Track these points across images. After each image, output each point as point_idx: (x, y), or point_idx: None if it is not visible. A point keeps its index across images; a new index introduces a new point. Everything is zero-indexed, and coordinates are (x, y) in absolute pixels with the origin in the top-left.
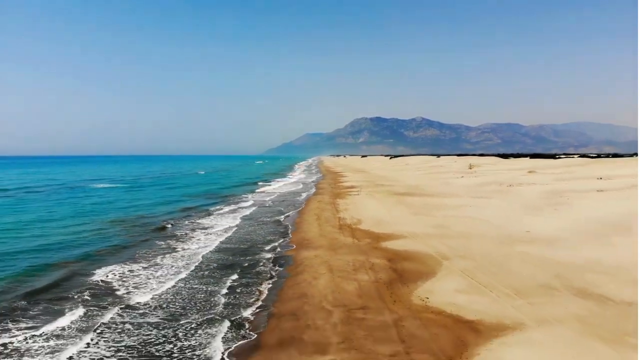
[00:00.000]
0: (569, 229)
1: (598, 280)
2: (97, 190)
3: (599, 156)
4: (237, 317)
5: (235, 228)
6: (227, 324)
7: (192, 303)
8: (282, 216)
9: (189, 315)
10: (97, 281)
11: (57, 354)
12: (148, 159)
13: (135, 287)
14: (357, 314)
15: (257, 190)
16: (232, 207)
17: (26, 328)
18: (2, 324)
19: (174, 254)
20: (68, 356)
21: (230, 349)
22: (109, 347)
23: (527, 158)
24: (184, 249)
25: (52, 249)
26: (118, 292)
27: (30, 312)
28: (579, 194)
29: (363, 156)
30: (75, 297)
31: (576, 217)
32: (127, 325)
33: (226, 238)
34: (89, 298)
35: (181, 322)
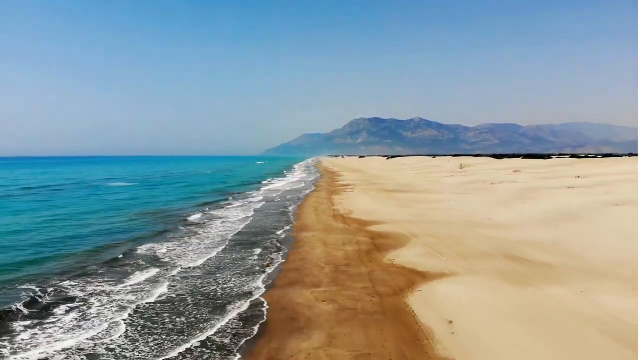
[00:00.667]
0: (526, 218)
1: (530, 251)
2: (115, 188)
3: (587, 156)
4: (260, 272)
5: (251, 218)
6: (253, 276)
7: (229, 265)
8: (287, 208)
9: (227, 271)
10: (147, 255)
11: (142, 294)
12: (149, 160)
13: (179, 257)
14: (342, 268)
15: (263, 188)
16: (244, 201)
17: (107, 282)
18: (82, 281)
19: (208, 237)
20: (158, 295)
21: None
22: (176, 293)
23: (520, 158)
24: (215, 234)
25: (97, 235)
26: (168, 261)
27: (104, 274)
28: (551, 191)
29: (361, 157)
30: (133, 264)
31: (537, 208)
32: (185, 279)
33: (245, 225)
34: (145, 264)
35: (221, 275)
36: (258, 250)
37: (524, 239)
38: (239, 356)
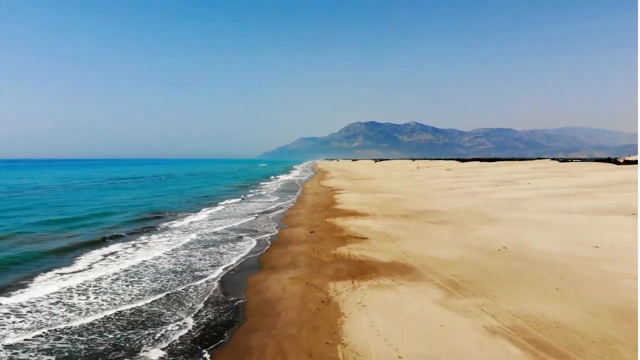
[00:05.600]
0: (404, 185)
1: (383, 190)
2: (192, 178)
3: (521, 159)
4: (295, 194)
5: (281, 185)
6: (293, 197)
7: (285, 191)
8: (297, 185)
9: (286, 193)
10: (259, 193)
11: (271, 187)
12: (159, 163)
13: (269, 189)
14: (317, 194)
15: (279, 178)
16: (272, 182)
17: (201, 210)
18: (179, 209)
19: (271, 189)
20: (276, 188)
21: (281, 204)
22: (278, 189)
23: (478, 162)
24: (272, 189)
25: (228, 191)
26: (268, 195)
27: (197, 207)
28: (441, 179)
29: (354, 160)
30: (255, 195)
31: (417, 183)
32: (275, 191)
33: (281, 188)
34: (257, 196)
35: (286, 194)
36: (290, 195)
37: (387, 189)
38: (295, 197)
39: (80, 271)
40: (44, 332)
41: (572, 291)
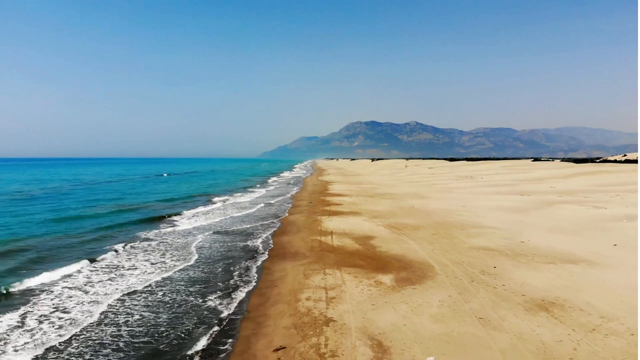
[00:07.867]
0: (381, 178)
1: (364, 182)
2: (210, 173)
3: (514, 159)
4: (299, 184)
5: (290, 179)
6: (299, 186)
7: (295, 182)
8: (300, 179)
9: (294, 184)
10: (280, 179)
11: (283, 179)
12: (161, 162)
13: (284, 178)
14: (315, 185)
15: (286, 175)
16: (282, 178)
17: (237, 194)
18: (225, 194)
19: (277, 181)
20: (292, 177)
21: (293, 190)
22: (291, 179)
23: (465, 161)
24: (284, 180)
25: (242, 187)
26: (283, 180)
27: (236, 191)
28: (420, 175)
29: (352, 159)
30: (275, 181)
31: (398, 178)
32: (290, 178)
33: (292, 181)
34: (279, 181)
35: (295, 182)
36: (297, 186)
37: (368, 182)
38: (300, 186)
39: (197, 215)
40: (221, 227)
41: (425, 218)
